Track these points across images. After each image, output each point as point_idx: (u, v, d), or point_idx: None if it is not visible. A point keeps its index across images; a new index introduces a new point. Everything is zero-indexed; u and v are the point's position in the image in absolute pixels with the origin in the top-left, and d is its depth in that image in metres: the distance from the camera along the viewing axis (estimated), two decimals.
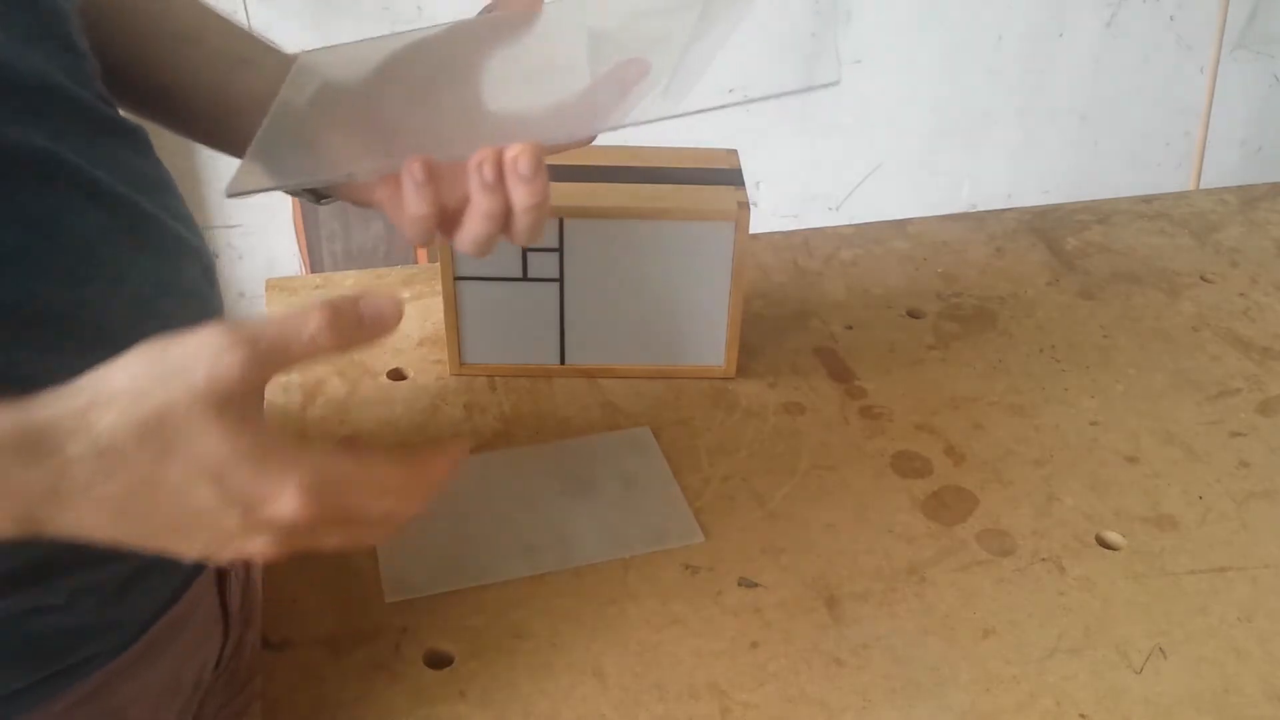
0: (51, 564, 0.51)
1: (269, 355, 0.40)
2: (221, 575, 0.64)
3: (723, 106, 0.50)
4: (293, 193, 0.60)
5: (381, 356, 0.84)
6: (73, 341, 0.49)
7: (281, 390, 0.80)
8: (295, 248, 2.05)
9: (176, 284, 0.55)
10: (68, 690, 0.53)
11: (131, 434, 0.39)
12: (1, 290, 0.46)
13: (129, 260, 0.52)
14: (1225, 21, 2.20)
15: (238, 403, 0.40)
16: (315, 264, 2.04)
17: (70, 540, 0.41)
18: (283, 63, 0.60)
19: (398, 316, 0.43)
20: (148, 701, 0.58)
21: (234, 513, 0.40)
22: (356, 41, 0.58)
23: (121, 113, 0.56)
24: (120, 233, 0.51)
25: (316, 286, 0.93)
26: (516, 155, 0.49)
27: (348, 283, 0.93)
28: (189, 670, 0.61)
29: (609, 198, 0.78)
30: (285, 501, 0.40)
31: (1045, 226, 1.05)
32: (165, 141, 0.64)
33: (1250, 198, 1.11)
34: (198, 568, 0.61)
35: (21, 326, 0.47)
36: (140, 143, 0.56)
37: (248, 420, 0.40)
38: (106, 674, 0.55)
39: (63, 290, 0.48)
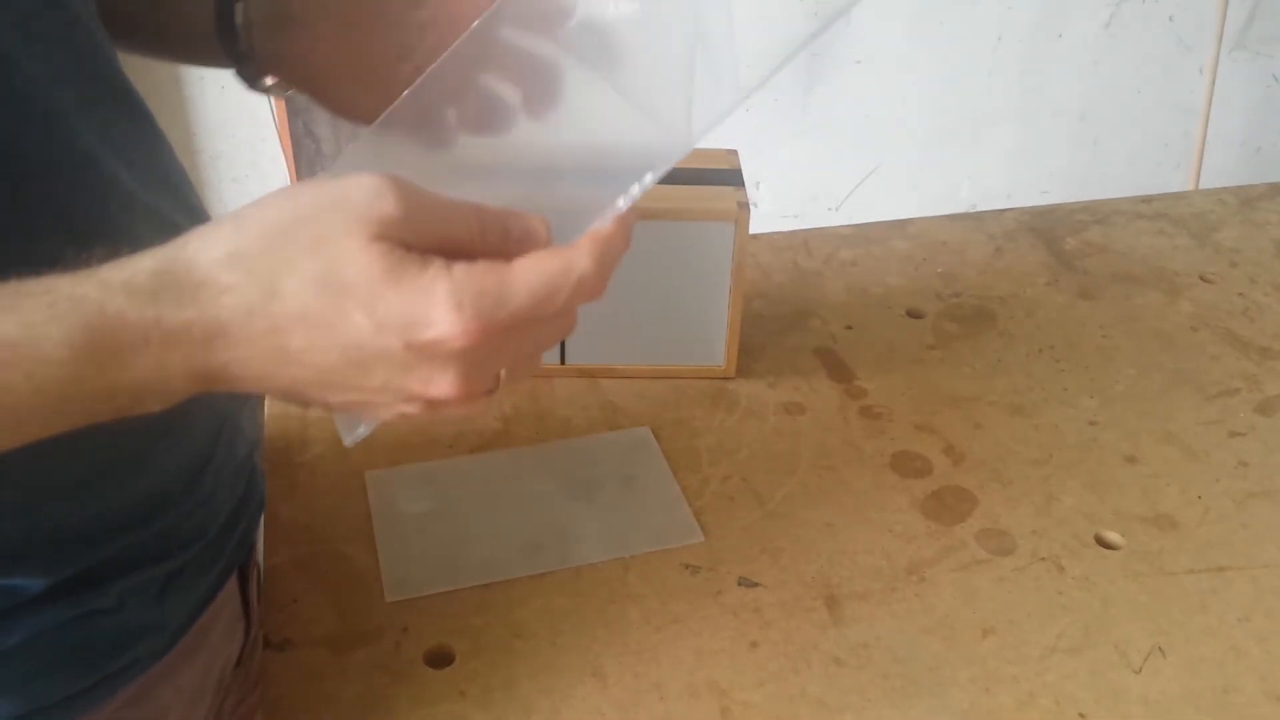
0: (106, 566, 0.51)
1: (424, 210, 0.38)
2: (244, 573, 0.64)
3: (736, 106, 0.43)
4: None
5: None
6: None
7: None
8: None
9: None
10: (115, 695, 0.53)
11: (283, 262, 0.37)
12: None
13: None
14: (1224, 22, 2.20)
15: (392, 238, 0.37)
16: None
17: (237, 395, 0.40)
18: None
19: (547, 238, 0.40)
20: (184, 702, 0.58)
21: (392, 341, 0.37)
22: None
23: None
24: (147, 239, 0.51)
25: None
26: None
27: None
28: (216, 668, 0.61)
29: None
30: (440, 321, 0.37)
31: (1044, 226, 1.06)
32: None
33: (1249, 198, 1.11)
34: (227, 568, 0.61)
35: None
36: (156, 130, 0.55)
37: (399, 253, 0.37)
38: (149, 677, 0.55)
39: None
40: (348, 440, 0.47)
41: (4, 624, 0.49)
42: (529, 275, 0.39)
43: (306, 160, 1.98)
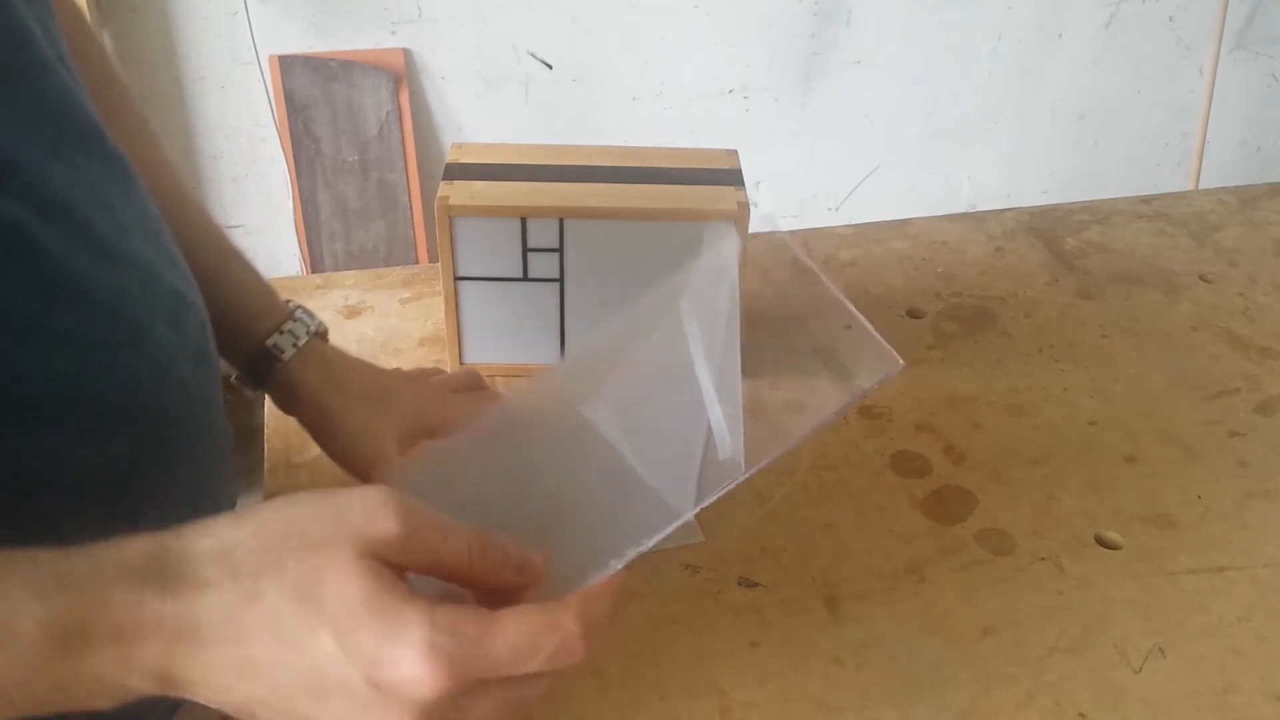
0: None
1: (424, 528, 0.38)
2: None
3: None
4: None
5: (383, 357, 0.84)
6: (100, 417, 0.46)
7: None
8: (296, 248, 2.05)
9: (185, 344, 0.52)
10: None
11: (268, 563, 0.36)
12: (25, 367, 0.43)
13: (145, 322, 0.49)
14: (1224, 22, 2.20)
15: (381, 560, 0.36)
16: (316, 264, 2.05)
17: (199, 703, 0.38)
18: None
19: (540, 572, 0.40)
20: None
21: (355, 673, 0.35)
22: None
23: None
24: (132, 290, 0.49)
25: (317, 286, 0.93)
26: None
27: (349, 282, 0.93)
28: None
29: (609, 198, 0.78)
30: (408, 663, 0.35)
31: (1044, 226, 1.06)
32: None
33: (1249, 198, 1.11)
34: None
35: (47, 406, 0.44)
36: (131, 174, 0.52)
37: (385, 580, 0.36)
38: None
39: (89, 360, 0.46)
40: None
41: None
42: (511, 628, 0.36)
43: (306, 160, 1.98)
